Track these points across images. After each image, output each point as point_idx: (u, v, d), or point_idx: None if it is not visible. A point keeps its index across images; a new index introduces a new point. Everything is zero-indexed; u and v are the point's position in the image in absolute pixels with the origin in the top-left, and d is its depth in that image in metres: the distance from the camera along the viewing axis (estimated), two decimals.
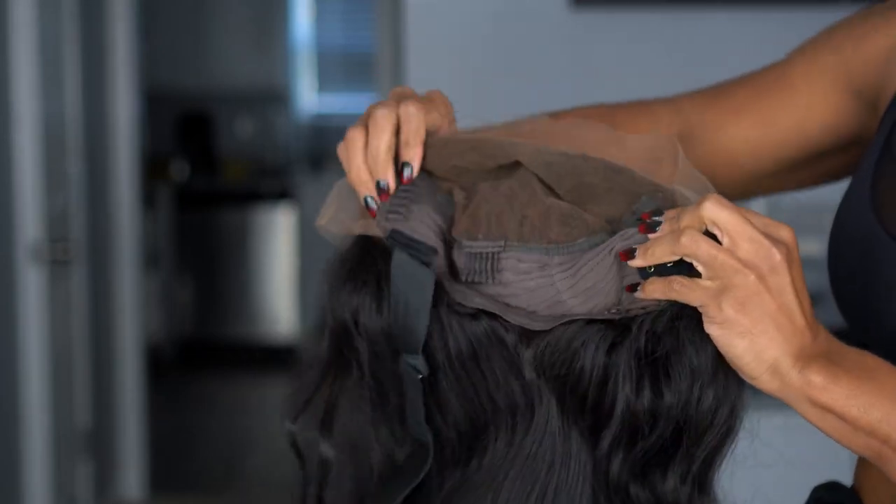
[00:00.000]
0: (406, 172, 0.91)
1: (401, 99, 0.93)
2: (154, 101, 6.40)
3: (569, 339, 0.85)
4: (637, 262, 0.83)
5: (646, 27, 3.26)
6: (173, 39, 6.71)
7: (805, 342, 0.82)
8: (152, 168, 6.42)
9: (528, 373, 0.86)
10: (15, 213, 3.29)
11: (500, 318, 0.86)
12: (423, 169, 0.92)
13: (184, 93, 6.85)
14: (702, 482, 0.88)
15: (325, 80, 7.05)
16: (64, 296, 3.65)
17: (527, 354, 0.86)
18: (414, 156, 0.91)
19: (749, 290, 0.80)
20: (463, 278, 0.88)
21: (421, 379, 0.88)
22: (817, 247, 1.24)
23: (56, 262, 3.48)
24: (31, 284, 3.34)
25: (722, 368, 0.84)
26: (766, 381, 0.83)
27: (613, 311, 0.85)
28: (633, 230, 0.85)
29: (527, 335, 0.86)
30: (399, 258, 0.88)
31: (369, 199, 0.91)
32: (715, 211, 0.81)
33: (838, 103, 1.14)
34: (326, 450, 0.93)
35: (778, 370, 0.82)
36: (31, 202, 3.32)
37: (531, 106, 1.20)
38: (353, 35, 6.92)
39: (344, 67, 7.00)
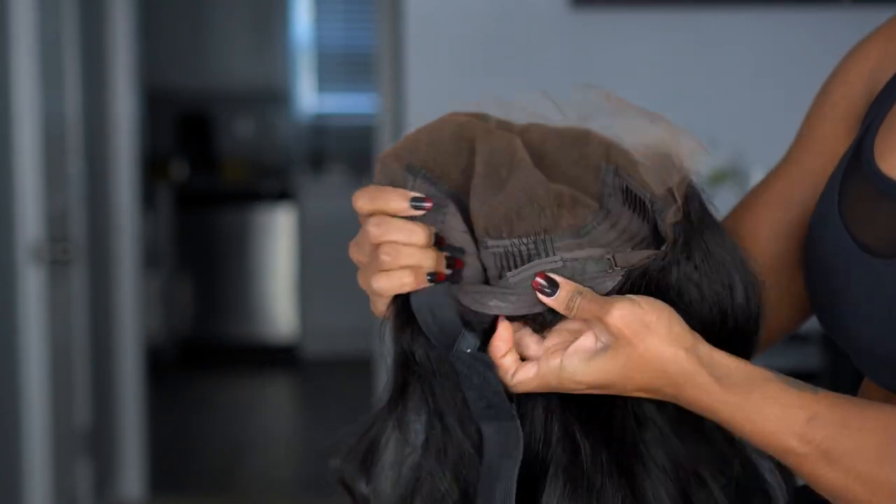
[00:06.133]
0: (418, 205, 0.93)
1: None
2: (154, 101, 6.40)
3: None
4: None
5: (646, 27, 3.26)
6: (173, 39, 6.71)
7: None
8: (152, 168, 6.42)
9: None
10: (15, 213, 3.29)
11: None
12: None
13: (184, 93, 6.85)
14: None
15: (325, 80, 7.05)
16: (64, 296, 3.65)
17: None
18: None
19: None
20: (492, 275, 0.92)
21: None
22: None
23: (56, 262, 3.48)
24: (31, 284, 3.33)
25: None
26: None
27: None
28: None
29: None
30: (415, 298, 0.93)
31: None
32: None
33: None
34: (363, 488, 0.98)
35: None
36: (31, 202, 3.32)
37: None
38: (353, 35, 6.92)
39: (344, 67, 7.00)
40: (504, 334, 0.92)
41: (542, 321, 0.93)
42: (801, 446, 0.90)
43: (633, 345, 0.89)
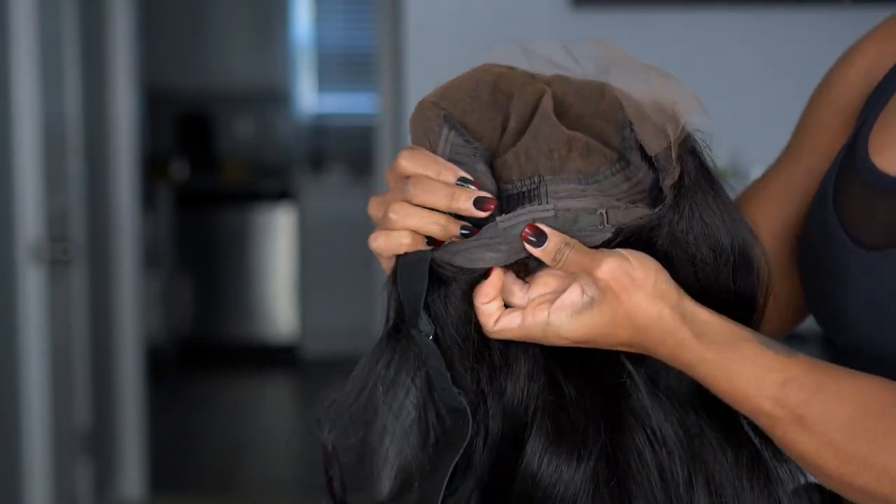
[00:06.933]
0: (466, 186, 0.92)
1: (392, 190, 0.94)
2: (154, 101, 6.40)
3: None
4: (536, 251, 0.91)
5: (646, 27, 3.26)
6: (173, 39, 6.72)
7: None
8: (152, 168, 6.42)
9: None
10: (15, 213, 3.29)
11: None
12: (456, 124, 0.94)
13: (184, 93, 6.86)
14: None
15: (325, 80, 7.05)
16: (64, 296, 3.65)
17: None
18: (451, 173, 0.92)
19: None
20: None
21: (438, 348, 0.93)
22: None
23: (56, 262, 3.48)
24: (31, 284, 3.34)
25: None
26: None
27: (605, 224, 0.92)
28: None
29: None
30: (402, 258, 0.92)
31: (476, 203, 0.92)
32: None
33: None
34: (325, 438, 0.99)
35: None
36: (31, 202, 3.32)
37: None
38: (353, 35, 6.92)
39: (344, 67, 7.00)
40: (495, 282, 0.92)
41: (527, 267, 0.93)
42: (775, 409, 0.89)
43: (620, 300, 0.89)
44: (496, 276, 0.92)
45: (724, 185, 0.96)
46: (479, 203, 0.90)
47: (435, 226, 0.91)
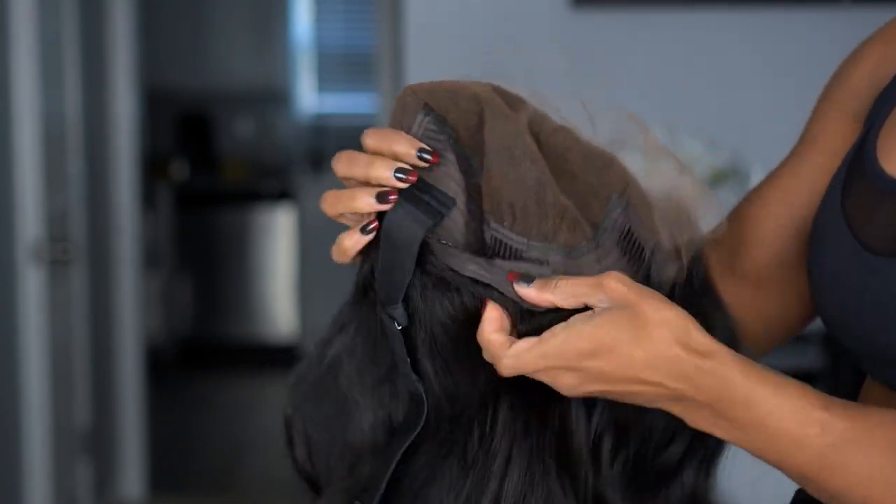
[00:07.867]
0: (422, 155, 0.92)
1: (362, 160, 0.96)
2: (154, 101, 6.40)
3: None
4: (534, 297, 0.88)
5: (646, 27, 3.26)
6: (173, 39, 6.72)
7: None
8: (152, 168, 6.42)
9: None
10: (15, 213, 3.29)
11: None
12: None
13: (184, 93, 6.86)
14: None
15: (325, 80, 7.05)
16: (64, 296, 3.65)
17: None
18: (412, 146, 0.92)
19: None
20: (473, 243, 0.90)
21: (404, 336, 0.91)
22: None
23: (56, 262, 3.48)
24: (31, 284, 3.34)
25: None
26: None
27: None
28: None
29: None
30: (394, 214, 0.91)
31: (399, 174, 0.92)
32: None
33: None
34: (287, 411, 0.98)
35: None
36: (31, 202, 3.32)
37: None
38: (353, 35, 6.92)
39: (344, 67, 7.00)
40: (492, 314, 0.88)
41: (532, 316, 0.90)
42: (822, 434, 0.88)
43: (640, 305, 0.86)
44: (491, 308, 0.88)
45: (716, 195, 0.95)
46: (421, 154, 0.91)
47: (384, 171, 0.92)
